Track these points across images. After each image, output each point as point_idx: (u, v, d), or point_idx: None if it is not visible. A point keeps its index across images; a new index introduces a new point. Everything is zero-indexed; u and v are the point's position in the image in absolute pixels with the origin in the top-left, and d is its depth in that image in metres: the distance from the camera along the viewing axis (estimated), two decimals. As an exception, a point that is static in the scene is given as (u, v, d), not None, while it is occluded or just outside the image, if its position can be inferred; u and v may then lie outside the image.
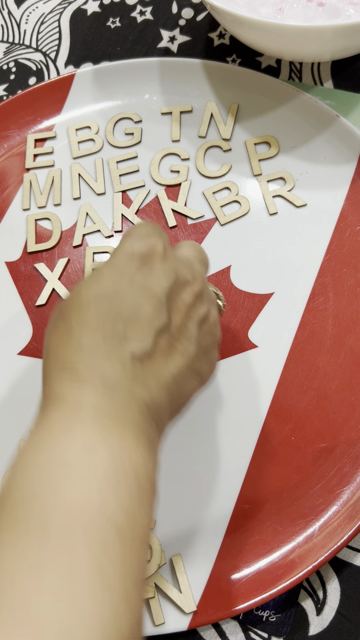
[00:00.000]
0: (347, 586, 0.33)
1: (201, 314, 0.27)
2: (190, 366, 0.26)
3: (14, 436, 0.37)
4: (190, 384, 0.26)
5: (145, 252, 0.25)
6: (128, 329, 0.24)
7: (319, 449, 0.35)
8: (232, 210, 0.41)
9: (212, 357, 0.28)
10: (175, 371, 0.25)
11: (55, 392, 0.24)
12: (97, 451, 0.22)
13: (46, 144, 0.46)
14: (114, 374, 0.23)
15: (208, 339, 0.27)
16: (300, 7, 0.42)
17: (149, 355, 0.24)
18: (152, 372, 0.24)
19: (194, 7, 0.50)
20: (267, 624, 0.32)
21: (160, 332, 0.24)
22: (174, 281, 0.25)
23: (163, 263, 0.25)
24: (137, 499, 0.22)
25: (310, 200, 0.41)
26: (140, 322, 0.24)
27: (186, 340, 0.26)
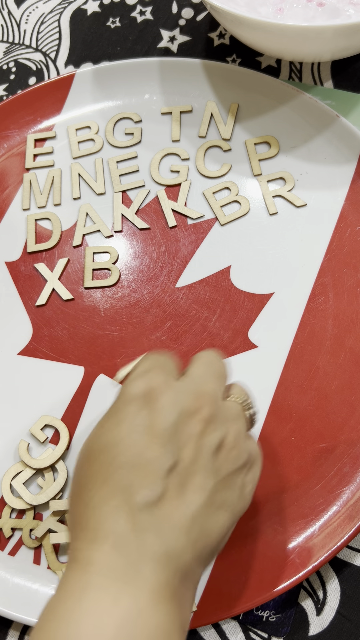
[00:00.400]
0: (347, 586, 0.33)
1: (215, 441, 0.25)
2: (210, 502, 0.24)
3: (14, 436, 0.37)
4: (216, 521, 0.24)
5: (143, 391, 0.25)
6: (133, 478, 0.23)
7: (319, 449, 0.35)
8: (232, 210, 0.41)
9: (237, 483, 0.25)
10: (193, 512, 0.23)
11: (73, 550, 0.24)
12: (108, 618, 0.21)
13: (46, 144, 0.46)
14: (123, 530, 0.23)
15: (228, 466, 0.25)
16: (300, 7, 0.42)
17: (159, 501, 0.23)
18: (166, 518, 0.23)
19: (194, 7, 0.50)
20: (267, 624, 0.32)
21: (169, 474, 0.23)
22: (177, 414, 0.24)
23: (164, 397, 0.24)
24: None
25: (310, 200, 0.41)
26: (146, 468, 0.23)
27: (200, 475, 0.24)
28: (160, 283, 0.40)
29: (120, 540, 0.22)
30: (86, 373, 0.38)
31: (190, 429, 0.24)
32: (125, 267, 0.41)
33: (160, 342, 0.38)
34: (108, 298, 0.40)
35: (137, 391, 0.25)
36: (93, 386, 0.38)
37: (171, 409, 0.24)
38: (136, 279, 0.40)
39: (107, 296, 0.40)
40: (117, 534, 0.22)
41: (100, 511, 0.23)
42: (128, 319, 0.39)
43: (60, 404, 0.37)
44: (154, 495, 0.23)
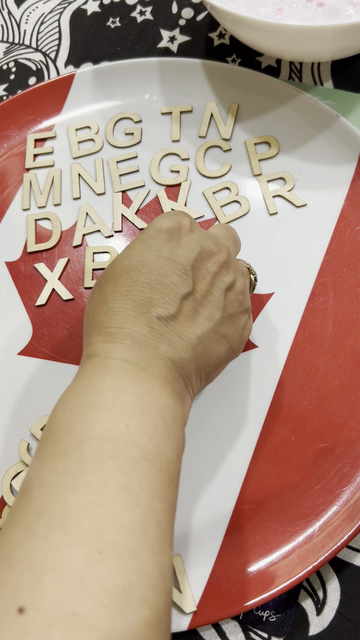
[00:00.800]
0: (347, 586, 0.33)
1: (227, 282, 0.29)
2: (215, 330, 0.28)
3: (14, 436, 0.37)
4: (217, 347, 0.28)
5: (172, 226, 0.28)
6: (155, 295, 0.27)
7: (319, 449, 0.35)
8: (232, 210, 0.41)
9: (239, 323, 0.30)
10: (200, 333, 0.27)
11: (90, 350, 0.27)
12: (124, 392, 0.24)
13: (46, 144, 0.46)
14: (141, 332, 0.26)
15: (235, 306, 0.29)
16: (300, 7, 0.42)
17: (173, 318, 0.27)
18: (177, 332, 0.27)
19: (194, 7, 0.50)
20: (267, 624, 0.32)
21: (185, 298, 0.27)
22: (199, 252, 0.28)
23: (189, 236, 0.28)
24: (163, 433, 0.24)
25: (310, 200, 0.41)
26: (166, 289, 0.27)
27: (211, 306, 0.28)
28: (160, 283, 0.40)
29: (138, 339, 0.26)
30: (86, 373, 0.38)
31: (208, 267, 0.28)
32: (125, 267, 0.41)
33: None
34: (108, 298, 0.40)
35: (168, 225, 0.28)
36: (93, 386, 0.37)
37: (194, 246, 0.28)
38: (136, 279, 0.40)
39: (107, 296, 0.40)
40: (136, 336, 0.26)
41: (121, 317, 0.26)
42: (128, 319, 0.39)
43: (60, 404, 0.37)
44: (170, 312, 0.27)
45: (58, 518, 0.21)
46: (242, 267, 0.32)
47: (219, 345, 0.28)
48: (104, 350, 0.26)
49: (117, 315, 0.27)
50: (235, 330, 0.29)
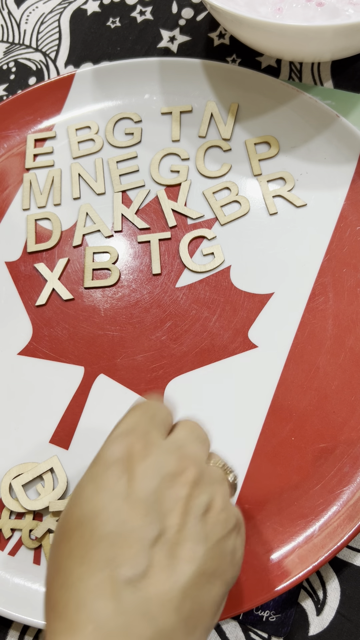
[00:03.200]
0: (347, 586, 0.33)
1: (203, 504, 0.23)
2: (202, 571, 0.22)
3: (14, 436, 0.37)
4: (210, 591, 0.22)
5: (121, 455, 0.23)
6: (116, 551, 0.21)
7: (319, 449, 0.35)
8: (232, 210, 0.41)
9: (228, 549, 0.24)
10: (184, 584, 0.21)
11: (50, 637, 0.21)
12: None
13: (46, 144, 0.46)
14: (105, 612, 0.20)
15: (219, 529, 0.23)
16: (299, 7, 0.42)
17: (144, 576, 0.21)
18: (153, 594, 0.21)
19: (194, 7, 0.50)
20: (267, 624, 0.32)
21: (155, 544, 0.22)
22: (160, 478, 0.23)
23: (145, 462, 0.23)
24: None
25: (310, 200, 0.41)
26: (129, 539, 0.21)
27: (190, 542, 0.22)
28: (160, 283, 0.40)
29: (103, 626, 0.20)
30: (86, 373, 0.38)
31: (175, 493, 0.23)
32: (125, 267, 0.41)
33: (160, 342, 0.38)
34: (108, 298, 0.40)
35: (116, 455, 0.23)
36: (93, 386, 0.38)
37: (153, 474, 0.23)
38: (136, 279, 0.40)
39: (107, 296, 0.40)
40: (99, 618, 0.20)
41: (79, 592, 0.21)
42: (128, 319, 0.39)
43: (60, 404, 0.37)
44: (139, 569, 0.21)
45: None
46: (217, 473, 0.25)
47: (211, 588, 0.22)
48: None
49: (74, 589, 0.21)
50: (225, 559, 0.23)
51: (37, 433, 0.37)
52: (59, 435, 0.37)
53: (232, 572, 0.24)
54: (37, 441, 0.37)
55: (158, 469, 0.23)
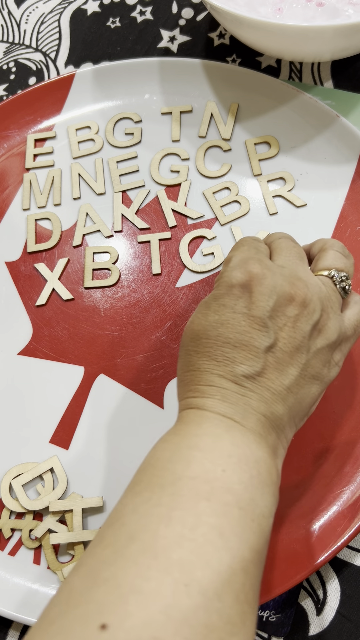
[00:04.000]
0: (347, 586, 0.33)
1: (311, 323, 0.27)
2: (304, 375, 0.27)
3: (14, 436, 0.37)
4: (309, 391, 0.27)
5: (243, 279, 0.27)
6: (237, 354, 0.26)
7: (319, 449, 0.35)
8: (232, 210, 0.41)
9: (331, 356, 0.28)
10: (289, 383, 0.26)
11: (185, 403, 0.27)
12: (222, 440, 0.25)
13: (46, 144, 0.46)
14: (230, 390, 0.26)
15: (321, 342, 0.28)
16: (299, 7, 0.42)
17: (259, 374, 0.26)
18: (266, 387, 0.26)
19: (194, 7, 0.50)
20: (267, 624, 0.32)
21: (268, 351, 0.26)
22: (275, 301, 0.27)
23: (262, 285, 0.27)
24: (258, 485, 0.24)
25: (310, 200, 0.41)
26: (247, 346, 0.26)
27: (297, 352, 0.27)
28: (160, 283, 0.40)
29: (228, 396, 0.26)
30: (86, 373, 0.38)
31: (287, 312, 0.27)
32: (125, 267, 0.41)
33: (160, 342, 0.38)
34: (108, 298, 0.40)
35: (238, 279, 0.27)
36: (93, 386, 0.38)
37: (269, 295, 0.27)
38: (136, 279, 0.40)
39: (107, 296, 0.40)
40: (225, 391, 0.26)
41: (208, 375, 0.26)
42: (128, 319, 0.39)
43: (60, 404, 0.37)
44: (255, 369, 0.26)
45: (149, 545, 0.21)
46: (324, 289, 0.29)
47: (311, 387, 0.27)
48: (198, 403, 0.26)
49: (204, 374, 0.27)
50: (324, 365, 0.28)
51: (37, 433, 0.37)
52: (59, 435, 0.37)
53: (330, 374, 0.28)
54: (37, 441, 0.37)
55: (274, 290, 0.27)
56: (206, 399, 0.26)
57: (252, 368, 0.26)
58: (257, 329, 0.26)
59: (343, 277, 0.30)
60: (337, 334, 0.28)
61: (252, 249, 0.29)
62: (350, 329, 0.29)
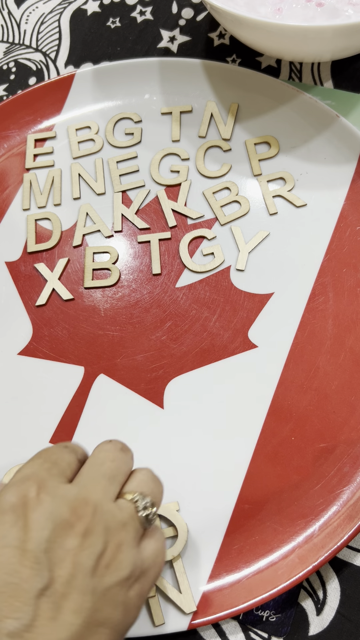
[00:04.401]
0: (347, 586, 0.33)
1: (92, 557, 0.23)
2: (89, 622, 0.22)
3: (14, 436, 0.37)
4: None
5: (16, 502, 0.23)
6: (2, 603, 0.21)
7: (319, 449, 0.35)
8: (232, 210, 0.41)
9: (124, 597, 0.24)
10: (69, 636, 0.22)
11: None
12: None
13: (46, 144, 0.46)
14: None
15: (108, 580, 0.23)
16: (299, 7, 0.42)
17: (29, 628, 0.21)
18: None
19: (194, 7, 0.50)
20: (267, 624, 0.32)
21: (41, 595, 0.22)
22: (52, 529, 0.23)
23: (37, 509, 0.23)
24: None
25: (310, 200, 0.41)
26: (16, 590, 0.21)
27: (78, 594, 0.22)
28: (160, 283, 0.40)
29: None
30: (86, 373, 0.38)
31: (66, 544, 0.23)
32: (125, 267, 0.41)
33: (160, 342, 0.38)
34: (108, 298, 0.40)
35: (11, 502, 0.23)
36: (93, 386, 0.38)
37: (45, 522, 0.23)
38: (136, 279, 0.40)
39: (107, 296, 0.40)
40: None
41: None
42: (128, 319, 0.39)
43: (60, 404, 0.37)
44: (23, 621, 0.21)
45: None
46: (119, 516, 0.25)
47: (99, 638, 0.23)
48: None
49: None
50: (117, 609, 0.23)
51: (37, 433, 0.37)
52: (59, 435, 0.37)
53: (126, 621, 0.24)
54: (37, 441, 0.37)
55: (51, 517, 0.23)
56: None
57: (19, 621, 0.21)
58: (29, 566, 0.22)
59: (147, 504, 0.26)
60: (129, 568, 0.24)
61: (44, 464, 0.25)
62: (148, 560, 0.25)
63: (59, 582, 0.22)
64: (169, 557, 0.32)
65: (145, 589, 0.25)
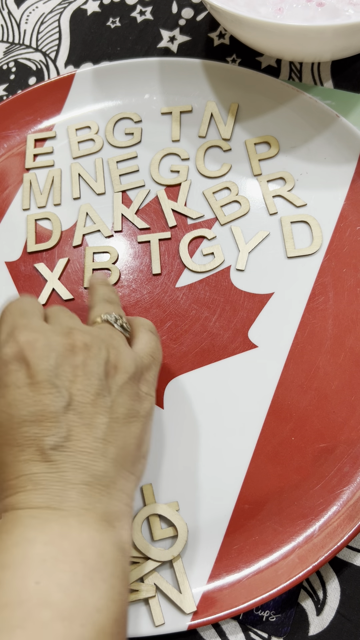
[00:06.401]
0: (347, 586, 0.33)
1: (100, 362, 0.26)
2: (116, 419, 0.26)
3: (14, 436, 0.37)
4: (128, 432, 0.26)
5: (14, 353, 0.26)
6: (37, 428, 0.24)
7: (319, 449, 0.35)
8: (232, 210, 0.41)
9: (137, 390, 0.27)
10: (102, 434, 0.25)
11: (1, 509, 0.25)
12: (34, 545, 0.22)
13: (46, 143, 0.46)
14: (39, 472, 0.24)
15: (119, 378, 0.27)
16: (299, 7, 0.42)
17: (67, 438, 0.24)
18: (78, 449, 0.25)
19: (194, 7, 0.50)
20: (267, 624, 0.32)
21: (67, 411, 0.25)
22: (55, 358, 0.25)
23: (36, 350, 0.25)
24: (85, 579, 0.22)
25: (310, 200, 0.41)
26: (43, 414, 0.24)
27: (98, 397, 0.26)
28: (160, 283, 0.40)
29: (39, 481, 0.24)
30: (86, 373, 0.38)
31: (72, 362, 0.26)
32: (125, 267, 0.41)
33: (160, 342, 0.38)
34: (108, 298, 0.40)
35: (9, 354, 0.26)
36: (93, 386, 0.37)
37: (47, 354, 0.25)
38: (136, 279, 0.40)
39: (107, 296, 0.40)
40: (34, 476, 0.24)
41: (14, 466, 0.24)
42: (128, 319, 0.39)
43: (60, 404, 0.37)
44: (60, 436, 0.24)
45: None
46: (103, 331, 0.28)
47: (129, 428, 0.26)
48: (10, 503, 0.24)
49: (11, 467, 0.25)
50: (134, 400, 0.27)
51: (37, 433, 0.37)
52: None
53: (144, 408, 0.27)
54: (37, 441, 0.37)
55: (50, 348, 0.26)
56: (18, 494, 0.24)
57: (56, 436, 0.24)
58: (47, 392, 0.25)
59: (115, 317, 0.30)
60: (134, 366, 0.27)
61: (16, 315, 0.27)
62: (146, 357, 0.29)
63: (79, 394, 0.25)
64: (168, 557, 0.32)
65: (152, 381, 0.29)
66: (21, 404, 0.25)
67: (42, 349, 0.26)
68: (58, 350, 0.26)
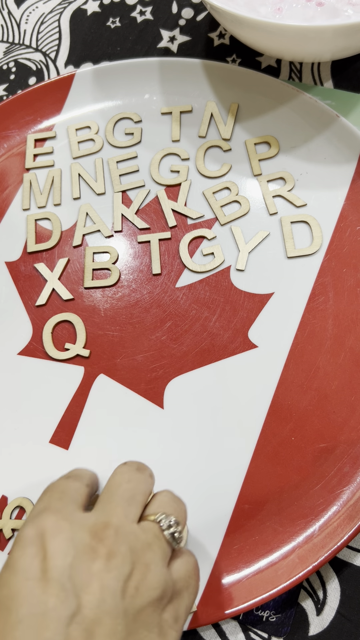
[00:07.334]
0: (347, 586, 0.33)
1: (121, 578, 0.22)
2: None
3: (13, 437, 0.37)
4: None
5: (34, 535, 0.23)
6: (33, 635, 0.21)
7: (319, 449, 0.35)
8: (232, 210, 0.41)
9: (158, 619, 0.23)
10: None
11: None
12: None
13: (46, 144, 0.46)
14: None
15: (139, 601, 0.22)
16: (299, 7, 0.42)
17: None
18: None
19: (194, 7, 0.50)
20: (267, 624, 0.32)
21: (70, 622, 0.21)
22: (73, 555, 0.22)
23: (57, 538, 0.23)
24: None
25: (310, 200, 0.41)
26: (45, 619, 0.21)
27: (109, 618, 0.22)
28: (160, 283, 0.40)
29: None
30: (86, 373, 0.38)
31: (90, 568, 0.22)
32: (125, 267, 0.41)
33: (160, 342, 0.38)
34: (108, 298, 0.40)
35: (30, 536, 0.23)
36: (93, 386, 0.38)
37: (66, 550, 0.22)
38: (136, 279, 0.40)
39: (107, 296, 0.40)
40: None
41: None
42: (128, 319, 0.39)
43: (60, 404, 0.37)
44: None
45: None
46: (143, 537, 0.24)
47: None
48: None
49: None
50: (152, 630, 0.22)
51: (37, 433, 0.37)
52: (59, 435, 0.37)
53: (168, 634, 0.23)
54: (37, 441, 0.37)
55: (72, 544, 0.23)
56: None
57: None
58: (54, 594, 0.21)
59: (171, 522, 0.25)
60: (160, 589, 0.23)
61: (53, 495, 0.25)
62: (180, 581, 0.25)
63: (88, 607, 0.22)
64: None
65: (181, 611, 0.24)
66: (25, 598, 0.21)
67: (63, 541, 0.23)
68: (79, 549, 0.23)
